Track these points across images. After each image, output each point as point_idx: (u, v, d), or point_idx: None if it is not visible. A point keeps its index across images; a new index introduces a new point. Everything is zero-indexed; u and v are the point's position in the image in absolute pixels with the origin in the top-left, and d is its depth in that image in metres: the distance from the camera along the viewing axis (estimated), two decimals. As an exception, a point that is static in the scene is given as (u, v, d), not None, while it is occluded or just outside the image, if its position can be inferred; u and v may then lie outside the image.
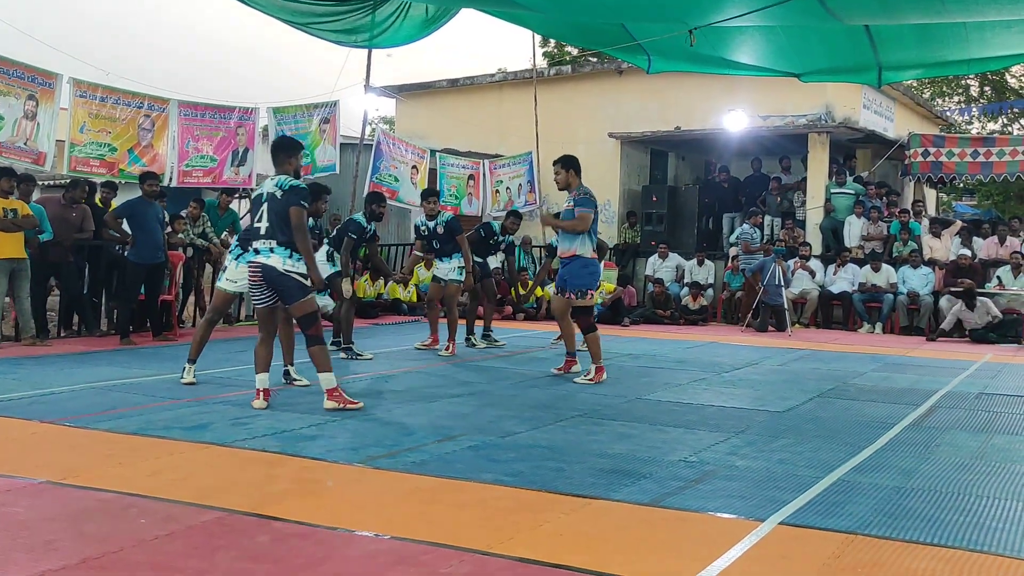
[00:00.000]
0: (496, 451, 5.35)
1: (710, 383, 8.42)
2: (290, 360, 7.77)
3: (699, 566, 3.47)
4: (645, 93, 17.80)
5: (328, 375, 6.55)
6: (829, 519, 4.13)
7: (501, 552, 3.59)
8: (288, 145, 6.84)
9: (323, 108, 14.20)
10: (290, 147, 6.79)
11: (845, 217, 16.38)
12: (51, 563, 3.36)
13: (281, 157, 6.66)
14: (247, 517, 3.98)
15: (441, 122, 19.60)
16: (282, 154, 6.67)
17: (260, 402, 6.55)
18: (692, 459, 5.28)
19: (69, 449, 5.28)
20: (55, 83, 10.97)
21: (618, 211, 18.49)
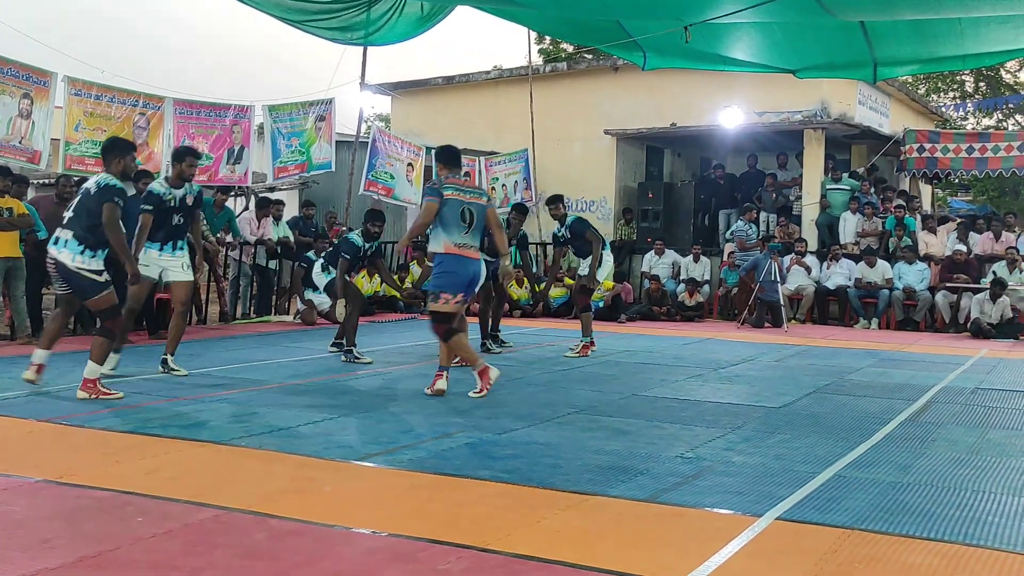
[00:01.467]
0: (493, 448, 5.35)
1: (706, 379, 8.42)
2: (172, 350, 7.84)
3: (696, 561, 3.47)
4: (641, 90, 17.80)
5: (94, 366, 6.53)
6: (826, 514, 4.14)
7: (498, 548, 3.59)
8: (115, 146, 6.86)
9: (319, 106, 14.18)
10: (118, 148, 6.81)
11: (840, 213, 16.40)
12: (48, 562, 3.36)
13: (108, 157, 6.73)
14: (244, 515, 3.98)
15: (437, 119, 19.59)
16: (109, 154, 6.74)
17: (31, 374, 6.62)
18: (689, 455, 5.29)
19: (65, 448, 5.28)
20: (50, 81, 10.95)
21: (614, 208, 18.49)
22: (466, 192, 7.17)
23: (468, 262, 7.03)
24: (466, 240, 7.02)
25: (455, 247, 6.97)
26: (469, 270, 7.06)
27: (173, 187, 7.77)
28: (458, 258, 6.99)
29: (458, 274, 7.00)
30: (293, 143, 13.92)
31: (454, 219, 6.95)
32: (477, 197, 7.21)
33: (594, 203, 18.58)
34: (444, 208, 6.97)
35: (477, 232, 7.13)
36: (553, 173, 18.37)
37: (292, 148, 13.92)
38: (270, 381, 7.69)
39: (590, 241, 9.68)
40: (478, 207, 7.13)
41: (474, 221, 7.05)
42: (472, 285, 7.22)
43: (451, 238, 6.97)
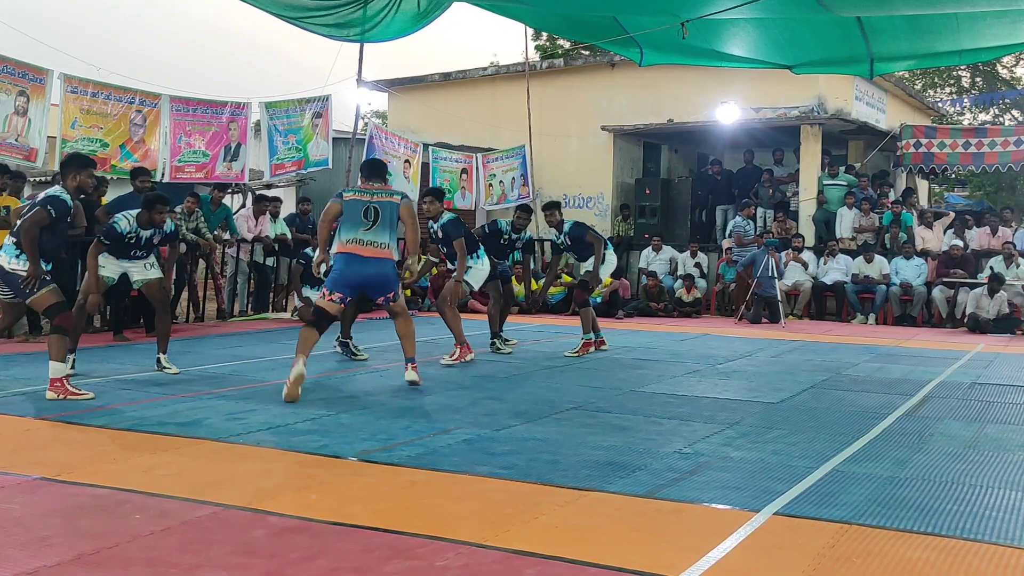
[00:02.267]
0: (491, 444, 5.36)
1: (704, 375, 8.43)
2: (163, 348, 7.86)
3: (694, 557, 3.47)
4: (638, 86, 17.80)
5: (56, 365, 6.48)
6: (823, 509, 4.14)
7: (496, 544, 3.59)
8: (72, 161, 6.86)
9: (315, 103, 14.16)
10: (75, 163, 6.80)
11: (837, 209, 16.42)
12: (46, 559, 3.35)
13: (64, 171, 6.77)
14: (242, 512, 3.98)
15: (434, 116, 19.58)
16: (65, 168, 6.77)
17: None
18: (687, 450, 5.29)
19: (63, 445, 5.27)
20: (46, 79, 10.93)
21: (611, 204, 18.49)
22: (374, 193, 7.10)
23: (364, 262, 6.92)
24: (367, 236, 6.93)
25: (347, 245, 6.92)
26: (360, 271, 6.93)
27: (141, 227, 7.77)
28: (348, 257, 6.92)
29: (343, 273, 6.90)
30: (290, 140, 13.90)
31: (355, 217, 6.93)
32: (387, 196, 7.09)
33: (591, 199, 18.58)
34: (345, 208, 6.99)
35: (384, 229, 6.98)
36: (550, 170, 18.37)
37: (289, 145, 13.89)
38: (267, 378, 7.69)
39: (591, 244, 9.61)
40: (387, 204, 7.01)
41: (379, 218, 6.95)
42: (362, 287, 7.08)
43: (347, 236, 6.94)
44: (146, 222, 7.78)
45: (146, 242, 7.83)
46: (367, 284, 7.08)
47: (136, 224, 7.73)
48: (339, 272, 6.94)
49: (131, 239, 7.72)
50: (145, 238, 7.80)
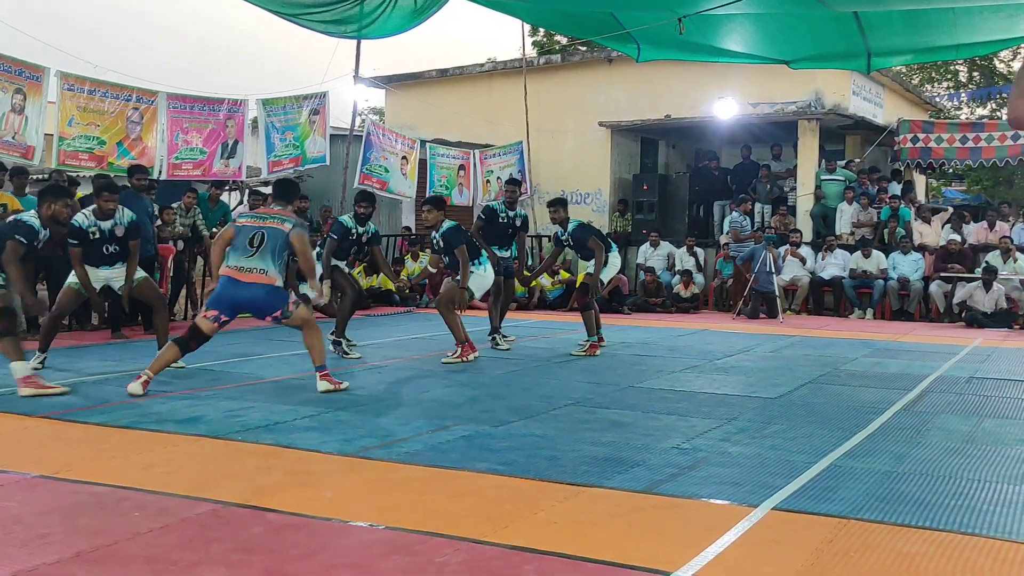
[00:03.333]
0: (489, 440, 5.36)
1: (702, 370, 8.44)
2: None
3: (693, 552, 3.48)
4: (635, 82, 17.79)
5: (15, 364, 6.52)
6: (822, 504, 4.15)
7: (495, 540, 3.60)
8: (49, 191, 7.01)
9: (312, 99, 14.15)
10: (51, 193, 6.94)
11: (836, 204, 16.43)
12: (45, 557, 3.36)
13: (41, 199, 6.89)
14: (241, 509, 3.98)
15: (431, 112, 19.57)
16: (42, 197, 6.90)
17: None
18: (685, 446, 5.30)
19: (62, 443, 5.27)
20: (43, 76, 10.92)
21: (609, 200, 18.50)
22: (265, 218, 7.11)
23: (239, 285, 6.91)
24: (247, 264, 6.92)
25: (228, 269, 6.95)
26: (237, 293, 6.92)
27: (99, 219, 7.83)
28: (227, 280, 6.93)
29: (222, 295, 6.92)
30: (287, 137, 13.90)
31: (241, 243, 6.97)
32: (278, 224, 7.06)
33: (589, 195, 18.58)
34: (237, 233, 7.04)
35: (266, 255, 6.94)
36: (548, 166, 18.37)
37: (286, 142, 13.89)
38: (266, 376, 7.69)
39: (592, 249, 9.54)
40: (275, 231, 7.00)
41: (263, 244, 6.94)
42: (240, 307, 7.05)
43: (231, 260, 6.97)
44: (100, 213, 7.84)
45: (111, 235, 7.87)
46: (245, 306, 7.06)
47: (94, 217, 7.80)
48: (218, 292, 6.97)
49: (95, 234, 7.79)
50: (108, 230, 7.85)
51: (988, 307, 13.49)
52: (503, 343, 9.91)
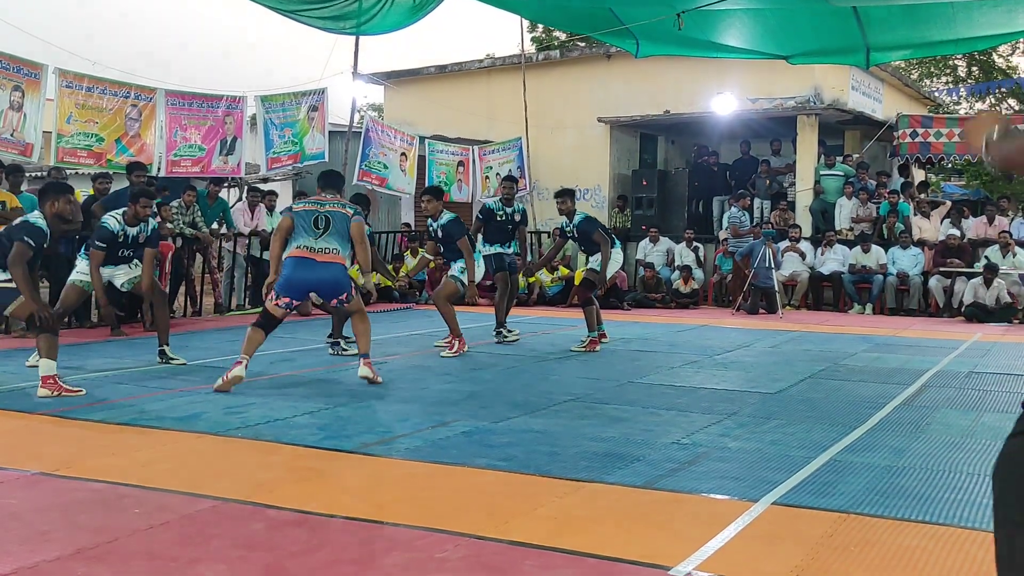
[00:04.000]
0: (489, 436, 5.36)
1: (702, 366, 8.44)
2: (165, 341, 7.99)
3: (693, 547, 3.48)
4: (634, 77, 17.78)
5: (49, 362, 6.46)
6: (821, 499, 4.15)
7: (496, 536, 3.60)
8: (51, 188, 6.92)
9: (311, 96, 14.14)
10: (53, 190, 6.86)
11: (835, 199, 16.42)
12: (46, 554, 3.36)
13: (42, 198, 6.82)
14: (241, 505, 3.98)
15: (430, 109, 19.56)
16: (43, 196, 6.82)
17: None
18: (685, 441, 5.30)
19: (61, 440, 5.27)
20: (41, 73, 10.91)
21: (608, 196, 18.49)
22: (325, 204, 7.16)
23: (314, 266, 6.94)
24: (318, 244, 6.96)
25: (298, 250, 6.96)
26: (310, 273, 6.95)
27: (128, 224, 7.83)
28: (298, 261, 6.94)
29: (291, 277, 6.92)
30: (286, 133, 13.89)
31: (306, 226, 7.00)
32: (340, 208, 7.13)
33: (588, 191, 18.57)
34: (296, 219, 7.06)
35: (334, 237, 7.01)
36: (547, 161, 18.36)
37: (285, 138, 13.88)
38: (265, 372, 7.69)
39: (597, 243, 9.52)
40: (338, 215, 7.06)
41: (330, 226, 7.01)
42: (313, 288, 7.08)
43: (298, 242, 7.00)
44: (132, 218, 7.81)
45: (133, 241, 7.86)
46: (317, 287, 7.09)
47: (124, 221, 7.79)
48: (287, 276, 6.95)
49: (120, 237, 7.79)
50: (132, 236, 7.85)
51: (990, 302, 13.49)
52: (510, 336, 9.92)
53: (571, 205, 9.69)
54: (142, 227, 7.91)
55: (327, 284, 7.03)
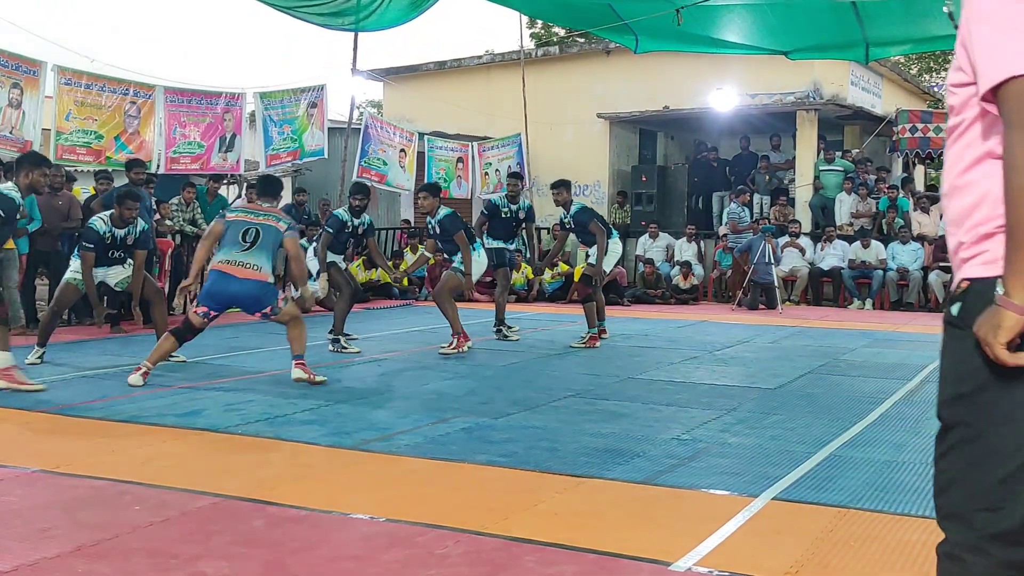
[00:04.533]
0: (489, 432, 5.36)
1: (702, 361, 8.44)
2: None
3: (693, 542, 3.49)
4: (633, 73, 17.76)
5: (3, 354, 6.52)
6: (822, 494, 4.16)
7: (496, 532, 3.61)
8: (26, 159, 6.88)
9: (310, 92, 14.12)
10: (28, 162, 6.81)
11: (835, 195, 16.42)
12: (47, 551, 3.36)
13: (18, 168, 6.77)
14: (242, 502, 3.98)
15: (429, 105, 19.54)
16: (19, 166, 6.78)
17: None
18: (685, 437, 5.30)
19: (62, 437, 5.28)
20: (39, 71, 10.89)
21: (608, 192, 18.48)
22: (258, 215, 7.11)
23: (231, 280, 6.89)
24: (241, 258, 6.91)
25: (220, 264, 6.94)
26: (229, 288, 6.90)
27: (115, 226, 7.84)
28: (219, 274, 6.92)
29: (211, 289, 6.92)
30: (285, 130, 13.87)
31: (233, 238, 6.96)
32: (273, 221, 7.07)
33: (588, 187, 18.57)
34: (227, 228, 7.03)
35: (261, 252, 6.95)
36: (546, 158, 18.35)
37: (284, 135, 13.87)
38: (265, 369, 7.69)
39: (594, 233, 9.51)
40: (269, 228, 7.01)
41: (258, 240, 6.96)
42: (232, 302, 7.07)
43: (222, 255, 6.97)
44: (118, 220, 7.83)
45: (121, 242, 7.88)
46: (235, 301, 7.06)
47: (111, 223, 7.80)
48: (208, 288, 6.98)
49: (108, 239, 7.80)
50: (120, 237, 7.86)
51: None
52: (511, 334, 9.90)
53: (567, 196, 9.67)
54: (130, 229, 7.93)
55: (246, 298, 6.98)
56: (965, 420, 1.90)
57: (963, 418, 1.90)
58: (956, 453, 1.92)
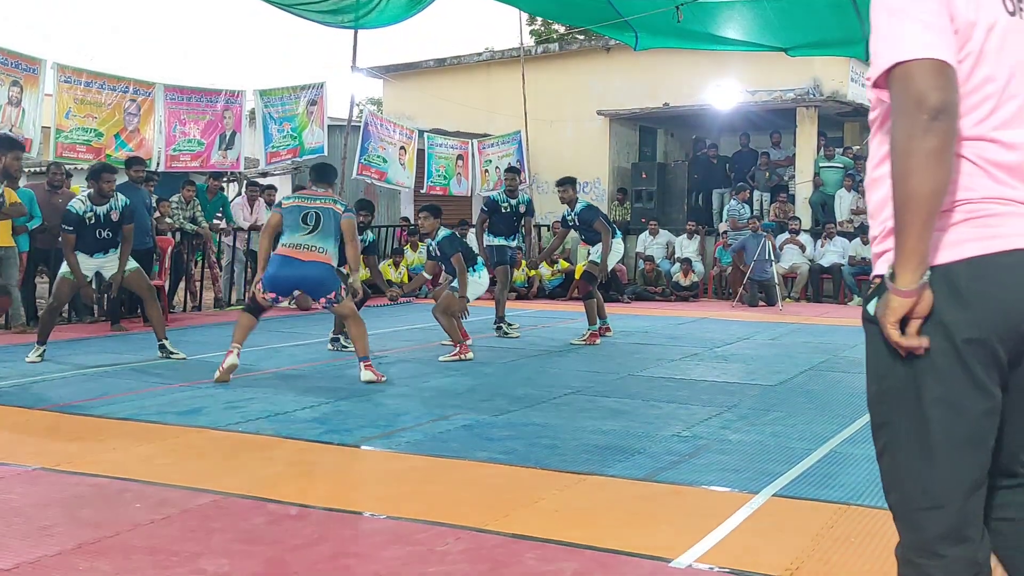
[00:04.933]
0: (490, 429, 5.37)
1: (702, 358, 8.44)
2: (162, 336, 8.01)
3: (694, 539, 3.49)
4: (633, 70, 17.74)
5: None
6: (822, 490, 4.16)
7: (496, 529, 3.61)
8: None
9: (310, 90, 14.11)
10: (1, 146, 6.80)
11: (835, 191, 16.41)
12: (47, 549, 3.36)
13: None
14: (242, 500, 3.99)
15: (429, 102, 19.53)
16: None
17: None
18: (685, 434, 5.30)
19: (62, 435, 5.28)
20: (39, 68, 10.89)
21: (608, 189, 18.47)
22: (315, 199, 7.17)
23: (294, 264, 6.95)
24: (305, 240, 6.98)
25: (285, 248, 7.00)
26: (293, 271, 6.96)
27: (95, 204, 7.83)
28: (284, 259, 6.97)
29: (275, 276, 6.96)
30: (285, 128, 13.87)
31: (294, 223, 7.03)
32: (330, 204, 7.15)
33: (588, 184, 18.55)
34: (285, 215, 7.10)
35: (324, 235, 7.03)
36: (546, 155, 18.34)
37: (284, 133, 13.86)
38: (266, 367, 7.70)
39: (599, 231, 9.50)
40: (327, 211, 7.08)
41: (320, 223, 7.02)
42: (296, 286, 7.09)
43: (286, 239, 7.03)
44: (97, 196, 7.80)
45: (106, 220, 7.85)
46: (301, 284, 7.10)
47: (90, 203, 7.78)
48: (272, 274, 6.98)
49: (90, 219, 7.78)
50: (103, 215, 7.83)
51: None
52: (512, 331, 9.89)
53: (572, 193, 9.67)
54: (112, 204, 7.90)
55: (311, 281, 7.03)
56: (889, 419, 1.90)
57: (887, 417, 1.91)
58: (889, 456, 1.92)
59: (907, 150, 1.70)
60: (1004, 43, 1.79)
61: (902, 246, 1.74)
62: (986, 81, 1.79)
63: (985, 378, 1.79)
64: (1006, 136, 1.79)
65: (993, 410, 1.81)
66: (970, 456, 1.81)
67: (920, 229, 1.71)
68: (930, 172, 1.69)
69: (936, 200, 1.70)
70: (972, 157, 1.79)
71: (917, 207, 1.70)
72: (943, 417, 1.80)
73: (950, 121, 1.70)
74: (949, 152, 1.71)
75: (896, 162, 1.73)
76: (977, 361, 1.78)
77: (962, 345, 1.77)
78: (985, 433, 1.82)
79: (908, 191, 1.71)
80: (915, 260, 1.72)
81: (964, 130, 1.78)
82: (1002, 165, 1.79)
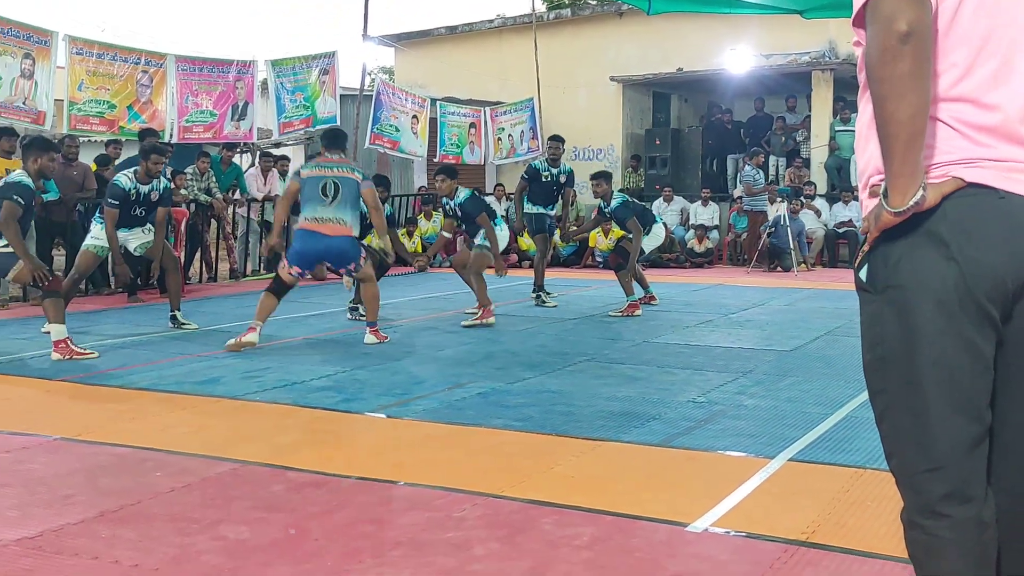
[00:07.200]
0: (506, 397, 5.39)
1: (717, 324, 8.43)
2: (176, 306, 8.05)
3: (710, 503, 3.50)
4: (646, 35, 17.58)
5: (57, 327, 6.58)
6: (838, 454, 4.17)
7: (513, 495, 3.63)
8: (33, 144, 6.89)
9: (322, 59, 14.07)
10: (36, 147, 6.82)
11: (850, 155, 16.27)
12: (70, 517, 3.41)
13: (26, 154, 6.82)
14: (261, 468, 4.02)
15: (441, 70, 19.43)
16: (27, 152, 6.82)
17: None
18: (700, 400, 5.31)
19: (82, 406, 5.34)
20: (51, 41, 10.88)
21: (621, 155, 18.38)
22: (332, 167, 7.18)
23: (319, 237, 7.04)
24: (326, 214, 7.03)
25: (307, 223, 7.07)
26: (318, 245, 7.08)
27: (140, 182, 7.84)
28: (308, 233, 7.07)
29: (300, 251, 7.08)
30: (297, 98, 13.84)
31: (313, 194, 7.06)
32: (348, 172, 7.18)
33: (601, 151, 18.47)
34: (304, 185, 7.14)
35: (344, 206, 7.08)
36: (559, 122, 18.23)
37: (296, 103, 13.84)
38: (282, 336, 7.73)
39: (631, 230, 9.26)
40: (348, 181, 7.11)
41: (339, 193, 7.06)
42: (321, 259, 7.25)
43: (307, 213, 7.10)
44: (144, 175, 7.82)
45: (145, 199, 7.87)
46: (325, 256, 7.26)
47: (135, 179, 7.80)
48: (297, 249, 7.14)
49: (133, 195, 7.80)
50: (144, 194, 7.85)
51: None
52: (549, 301, 9.85)
53: (607, 187, 9.33)
54: (155, 184, 7.93)
55: (335, 253, 7.20)
56: (885, 386, 1.92)
57: (883, 384, 1.93)
58: (887, 421, 1.94)
59: (880, 76, 1.71)
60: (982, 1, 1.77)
61: (889, 169, 1.75)
62: (963, 41, 1.77)
63: (976, 337, 1.79)
64: (986, 97, 1.78)
65: (986, 369, 1.82)
66: (966, 415, 1.82)
67: (903, 151, 1.72)
68: (905, 95, 1.69)
69: (914, 123, 1.70)
70: (948, 120, 1.78)
71: (897, 131, 1.71)
72: (937, 379, 1.81)
73: (921, 43, 1.69)
74: (923, 74, 1.70)
75: (872, 88, 1.74)
76: (968, 321, 1.78)
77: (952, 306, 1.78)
78: (980, 392, 1.82)
79: (886, 116, 1.72)
80: (902, 181, 1.74)
81: (940, 91, 1.78)
82: (982, 127, 1.77)
